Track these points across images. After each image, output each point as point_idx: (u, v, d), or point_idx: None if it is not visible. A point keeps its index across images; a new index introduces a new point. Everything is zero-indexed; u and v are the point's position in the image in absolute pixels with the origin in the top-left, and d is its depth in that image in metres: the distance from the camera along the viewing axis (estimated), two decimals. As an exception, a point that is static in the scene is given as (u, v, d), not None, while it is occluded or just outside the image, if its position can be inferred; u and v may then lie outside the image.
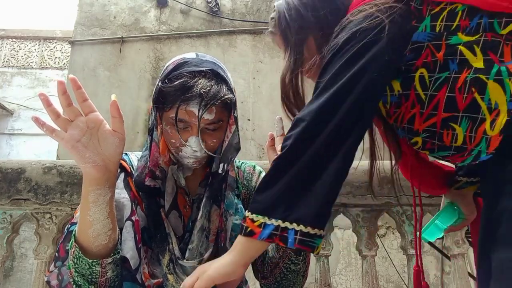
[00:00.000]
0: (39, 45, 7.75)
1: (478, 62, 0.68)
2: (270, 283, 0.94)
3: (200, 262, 0.84)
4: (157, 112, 0.87)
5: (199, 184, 0.95)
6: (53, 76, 7.50)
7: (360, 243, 1.41)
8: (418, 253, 0.92)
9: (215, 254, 0.86)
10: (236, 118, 0.89)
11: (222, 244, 0.88)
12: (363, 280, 1.37)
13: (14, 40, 7.78)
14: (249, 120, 4.23)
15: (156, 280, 0.82)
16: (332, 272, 3.65)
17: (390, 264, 3.73)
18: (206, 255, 0.86)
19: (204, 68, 0.82)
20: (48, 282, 0.81)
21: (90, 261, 0.74)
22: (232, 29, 4.49)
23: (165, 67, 0.87)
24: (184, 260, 0.84)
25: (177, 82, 0.79)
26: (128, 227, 0.81)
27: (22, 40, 7.78)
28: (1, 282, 1.36)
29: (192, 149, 0.84)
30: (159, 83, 0.84)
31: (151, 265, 0.85)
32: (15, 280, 4.78)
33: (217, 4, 4.49)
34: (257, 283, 1.00)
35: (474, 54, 0.68)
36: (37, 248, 1.34)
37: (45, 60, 7.65)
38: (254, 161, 1.13)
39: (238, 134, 0.91)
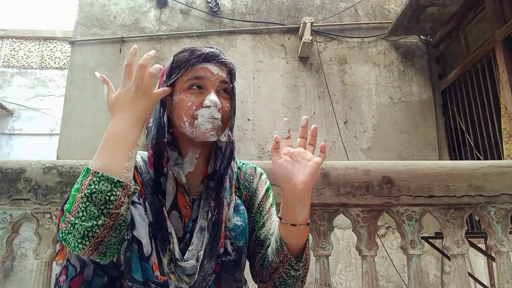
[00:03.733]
0: (39, 45, 7.75)
1: None
2: (268, 287, 0.93)
3: (197, 260, 0.84)
4: (167, 90, 0.91)
5: (201, 181, 0.94)
6: (53, 76, 7.50)
7: (360, 243, 1.41)
8: None
9: (211, 247, 0.86)
10: (234, 88, 0.96)
11: (219, 239, 0.88)
12: (363, 280, 1.37)
13: (14, 40, 7.78)
14: (249, 120, 4.23)
15: (162, 280, 0.82)
16: (332, 272, 3.65)
17: (390, 264, 3.73)
18: (201, 252, 0.86)
19: (209, 46, 0.94)
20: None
21: (115, 180, 0.74)
22: (232, 29, 4.49)
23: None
24: (183, 261, 0.84)
25: (186, 52, 0.91)
26: (140, 211, 0.83)
27: (22, 40, 7.78)
28: (1, 282, 1.36)
29: (210, 109, 0.87)
30: (171, 60, 0.92)
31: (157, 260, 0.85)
32: (15, 280, 4.78)
33: (217, 4, 4.49)
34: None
35: None
36: (37, 248, 1.34)
37: (45, 60, 7.65)
38: (254, 161, 1.13)
39: (235, 102, 0.99)
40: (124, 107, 0.80)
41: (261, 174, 1.05)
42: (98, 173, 0.75)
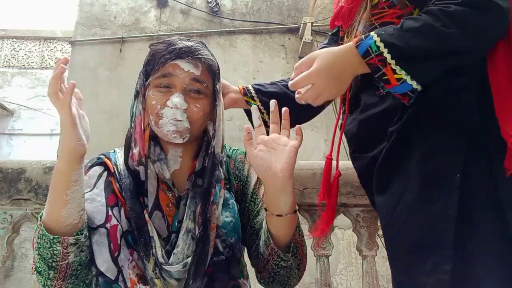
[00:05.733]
0: (39, 45, 7.75)
1: None
2: (265, 278, 0.90)
3: (184, 266, 0.80)
4: (143, 85, 0.88)
5: (187, 178, 0.89)
6: (53, 76, 7.50)
7: (360, 243, 1.41)
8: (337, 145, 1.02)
9: (201, 249, 0.81)
10: (218, 90, 0.90)
11: (207, 245, 0.83)
12: (364, 280, 1.37)
13: (14, 40, 7.78)
14: (249, 120, 4.24)
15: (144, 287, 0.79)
16: (332, 272, 3.65)
17: (391, 264, 3.73)
18: (190, 259, 0.81)
19: (190, 40, 0.87)
20: None
21: (51, 237, 0.71)
22: (232, 29, 4.49)
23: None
24: (168, 265, 0.80)
25: (162, 44, 0.85)
26: (101, 235, 0.78)
27: (22, 40, 7.79)
28: (1, 282, 1.36)
29: (172, 109, 0.81)
30: (148, 51, 0.87)
31: (140, 268, 0.81)
32: (15, 280, 4.79)
33: (217, 4, 4.49)
34: (258, 284, 0.98)
35: None
36: (38, 248, 1.34)
37: (46, 60, 7.66)
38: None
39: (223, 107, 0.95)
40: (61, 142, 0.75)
41: None
42: (42, 225, 0.74)
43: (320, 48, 1.19)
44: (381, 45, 0.72)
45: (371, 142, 0.88)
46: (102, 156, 0.92)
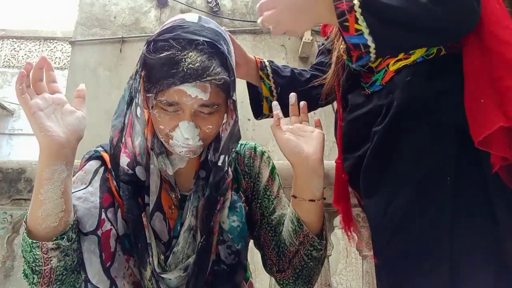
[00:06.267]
0: (39, 45, 7.76)
1: None
2: (288, 276, 0.83)
3: (185, 270, 0.75)
4: (141, 85, 0.76)
5: (193, 176, 0.83)
6: (53, 76, 7.51)
7: (360, 243, 1.41)
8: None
9: (202, 260, 0.76)
10: (235, 102, 0.78)
11: (209, 256, 0.77)
12: (364, 280, 1.37)
13: (14, 40, 7.78)
14: (249, 120, 4.23)
15: None
16: (332, 272, 3.65)
17: (391, 264, 3.73)
18: (191, 260, 0.76)
19: (200, 38, 0.70)
20: None
21: (30, 241, 0.66)
22: (233, 29, 4.49)
23: (161, 26, 0.76)
24: (166, 271, 0.75)
25: (163, 55, 0.68)
26: (92, 243, 0.71)
27: (22, 40, 7.79)
28: (1, 282, 1.36)
29: (184, 136, 0.73)
30: (145, 48, 0.72)
31: (137, 276, 0.76)
32: (15, 280, 4.78)
33: (217, 4, 4.49)
34: (263, 281, 0.94)
35: None
36: (38, 248, 1.34)
37: (46, 60, 7.67)
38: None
39: (237, 121, 0.81)
40: None
41: (262, 153, 0.94)
42: (24, 226, 0.68)
43: (319, 48, 1.18)
44: None
45: (357, 143, 0.88)
46: (99, 149, 0.84)
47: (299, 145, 0.79)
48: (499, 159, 0.66)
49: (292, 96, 0.86)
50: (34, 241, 0.66)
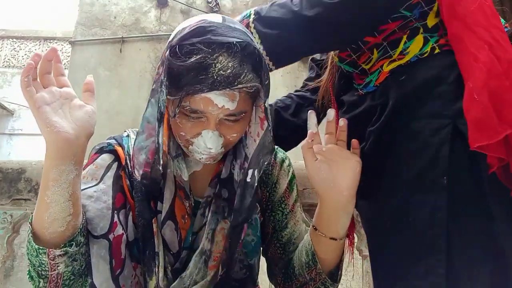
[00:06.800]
0: (39, 45, 7.76)
1: (431, 21, 0.78)
2: None
3: None
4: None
5: (209, 183, 0.77)
6: (53, 76, 7.52)
7: (360, 243, 1.41)
8: None
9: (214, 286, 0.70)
10: (267, 109, 0.70)
11: (225, 272, 0.71)
12: (363, 280, 1.37)
13: (14, 40, 7.79)
14: (249, 120, 4.24)
15: None
16: (332, 272, 3.65)
17: (391, 264, 3.73)
18: (201, 284, 0.70)
19: (233, 40, 0.62)
20: None
21: (36, 247, 0.60)
22: (233, 29, 4.49)
23: (179, 29, 0.68)
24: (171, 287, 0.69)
25: (191, 60, 0.62)
26: (102, 248, 0.66)
27: (22, 40, 7.79)
28: (1, 282, 1.36)
29: (207, 146, 0.67)
30: (168, 53, 0.65)
31: (143, 284, 0.71)
32: (15, 280, 4.78)
33: (217, 4, 4.49)
34: (263, 281, 0.91)
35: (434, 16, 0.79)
36: (38, 248, 1.34)
37: (46, 60, 7.67)
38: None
39: (271, 130, 0.72)
40: None
41: (283, 161, 0.86)
42: (30, 229, 0.63)
43: (309, 62, 1.17)
44: (253, 11, 0.80)
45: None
46: (113, 141, 0.78)
47: (331, 176, 0.70)
48: (496, 160, 0.65)
49: (331, 112, 0.77)
50: (41, 247, 0.61)
